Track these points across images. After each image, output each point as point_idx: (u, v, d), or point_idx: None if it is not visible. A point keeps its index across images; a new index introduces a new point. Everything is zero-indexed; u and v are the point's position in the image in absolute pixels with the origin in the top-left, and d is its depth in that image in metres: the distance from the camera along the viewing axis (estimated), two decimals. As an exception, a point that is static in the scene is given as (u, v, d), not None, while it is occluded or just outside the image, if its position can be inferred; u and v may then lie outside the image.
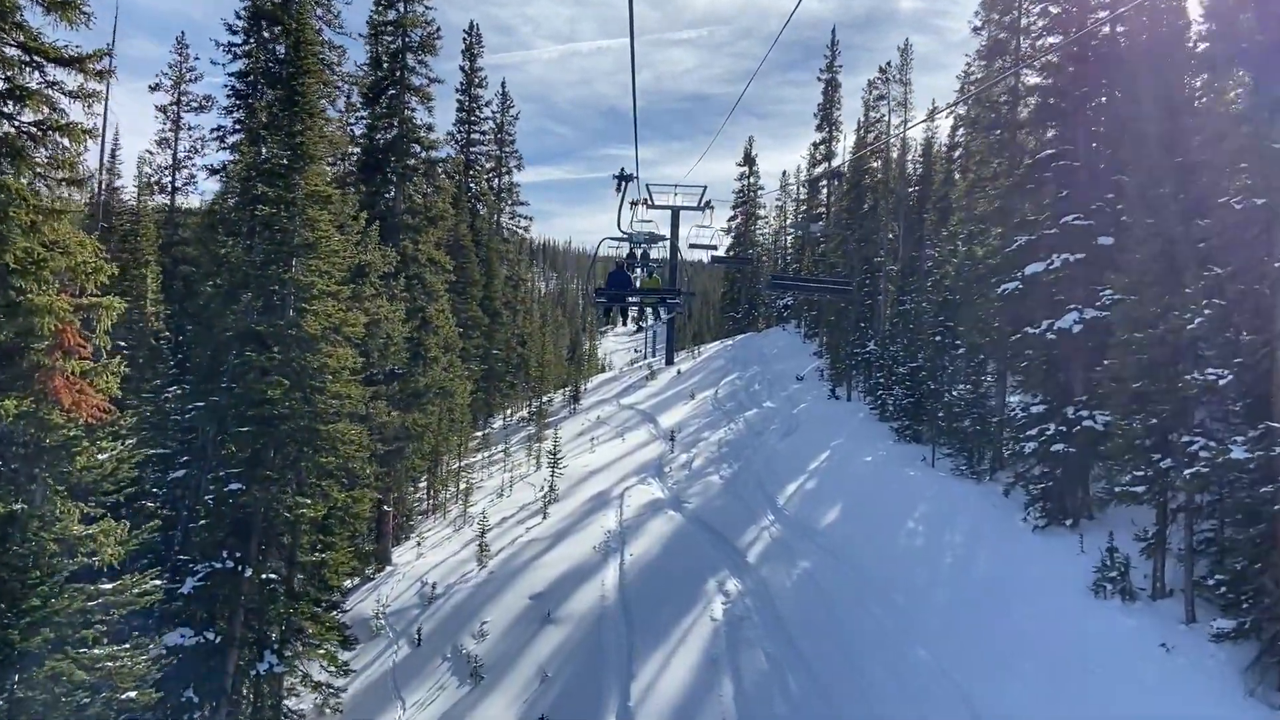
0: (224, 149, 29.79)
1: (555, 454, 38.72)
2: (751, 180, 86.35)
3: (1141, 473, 21.18)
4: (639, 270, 22.24)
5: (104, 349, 15.98)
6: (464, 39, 56.64)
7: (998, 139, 31.52)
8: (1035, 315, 26.65)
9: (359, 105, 36.02)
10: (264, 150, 23.11)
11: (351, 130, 35.57)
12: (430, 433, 37.76)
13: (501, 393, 57.01)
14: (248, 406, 20.93)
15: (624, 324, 22.24)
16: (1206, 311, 18.97)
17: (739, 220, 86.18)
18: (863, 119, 57.29)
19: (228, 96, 29.10)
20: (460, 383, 44.16)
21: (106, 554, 15.44)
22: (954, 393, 33.84)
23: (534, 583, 28.40)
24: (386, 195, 34.66)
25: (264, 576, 21.08)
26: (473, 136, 57.19)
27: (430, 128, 35.49)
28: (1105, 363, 23.29)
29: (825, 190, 59.32)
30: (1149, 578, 22.19)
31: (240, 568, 20.87)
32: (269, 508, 21.05)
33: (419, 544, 35.34)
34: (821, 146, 58.88)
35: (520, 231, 66.51)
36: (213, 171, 31.20)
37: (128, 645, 15.59)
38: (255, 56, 27.36)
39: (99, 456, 16.05)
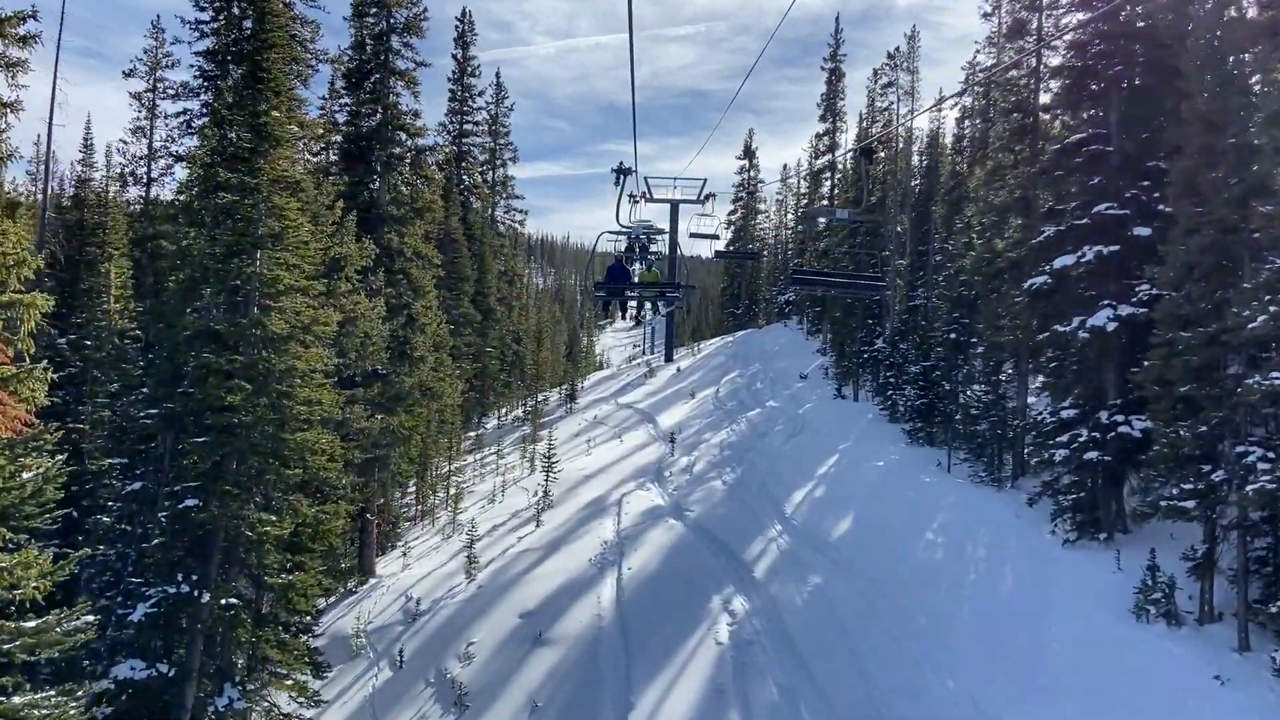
0: (190, 133, 27.71)
1: (550, 457, 36.65)
2: (752, 174, 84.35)
3: (1190, 486, 19.16)
4: (638, 264, 21.81)
5: (27, 353, 13.96)
6: (456, 26, 54.52)
7: (1018, 124, 29.43)
8: (1064, 312, 24.60)
9: (343, 91, 33.88)
10: (228, 133, 21.00)
11: (334, 118, 33.47)
12: (418, 436, 35.74)
13: (495, 392, 54.93)
14: (206, 413, 18.87)
15: (623, 317, 22.51)
16: (1272, 308, 16.89)
17: (739, 214, 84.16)
18: (866, 110, 55.19)
19: (195, 78, 27.01)
20: (450, 382, 42.10)
21: (29, 588, 13.41)
22: (970, 394, 31.82)
23: (525, 599, 26.33)
24: (370, 186, 32.57)
25: (224, 601, 19.01)
26: (465, 128, 55.05)
27: (416, 114, 33.44)
28: (1145, 364, 21.26)
29: (829, 182, 57.24)
30: (1196, 600, 20.19)
31: (197, 591, 18.81)
32: (230, 525, 19.00)
33: (405, 554, 33.28)
34: (825, 138, 56.82)
35: (515, 226, 64.39)
36: (178, 159, 29.08)
37: (52, 693, 13.52)
38: (224, 34, 25.28)
39: (24, 476, 14.00)
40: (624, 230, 21.46)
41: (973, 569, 24.01)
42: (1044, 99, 28.16)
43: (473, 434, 55.58)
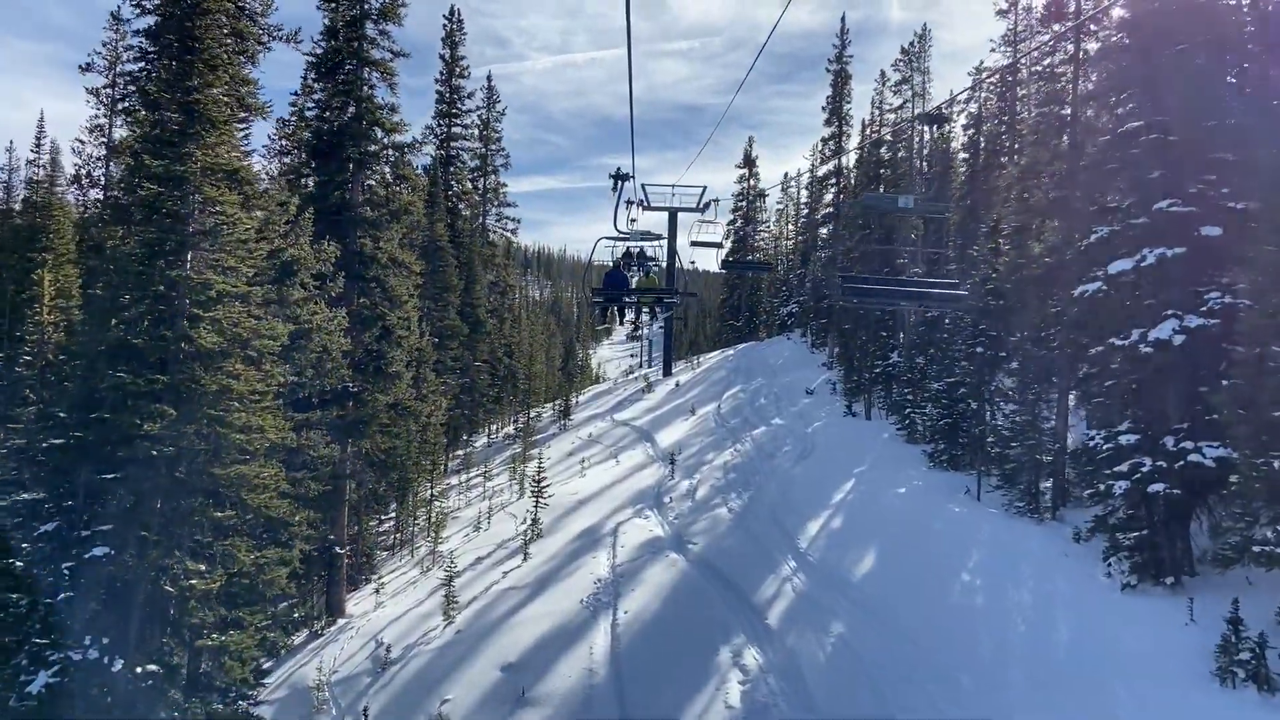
0: (129, 123, 24.64)
1: (539, 482, 33.44)
2: (752, 183, 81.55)
3: (1291, 528, 16.03)
4: (636, 270, 21.57)
5: None
6: (444, 25, 51.54)
7: (1055, 116, 26.40)
8: (1118, 323, 21.48)
9: (314, 84, 30.71)
10: (159, 115, 17.86)
11: (306, 113, 30.37)
12: (396, 458, 32.54)
13: (484, 408, 51.68)
14: (122, 443, 15.71)
15: (620, 323, 22.42)
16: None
17: (739, 224, 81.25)
18: (876, 110, 52.29)
19: (134, 60, 23.98)
20: (434, 400, 38.95)
21: None
22: (1003, 414, 28.69)
23: (507, 648, 23.08)
24: (343, 185, 29.44)
25: (141, 669, 15.79)
26: (454, 131, 51.98)
27: (393, 108, 30.29)
28: (1224, 383, 18.16)
29: (835, 188, 54.23)
30: (1293, 662, 17.04)
31: (109, 657, 15.60)
32: (150, 577, 15.81)
33: (379, 590, 29.99)
34: (830, 143, 53.83)
35: (507, 235, 61.30)
36: (113, 151, 25.94)
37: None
38: (166, 8, 22.22)
39: None
40: (622, 236, 20.91)
41: (1020, 618, 20.80)
42: (1086, 87, 25.13)
43: (460, 452, 52.37)
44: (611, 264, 21.00)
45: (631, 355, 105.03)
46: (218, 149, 16.93)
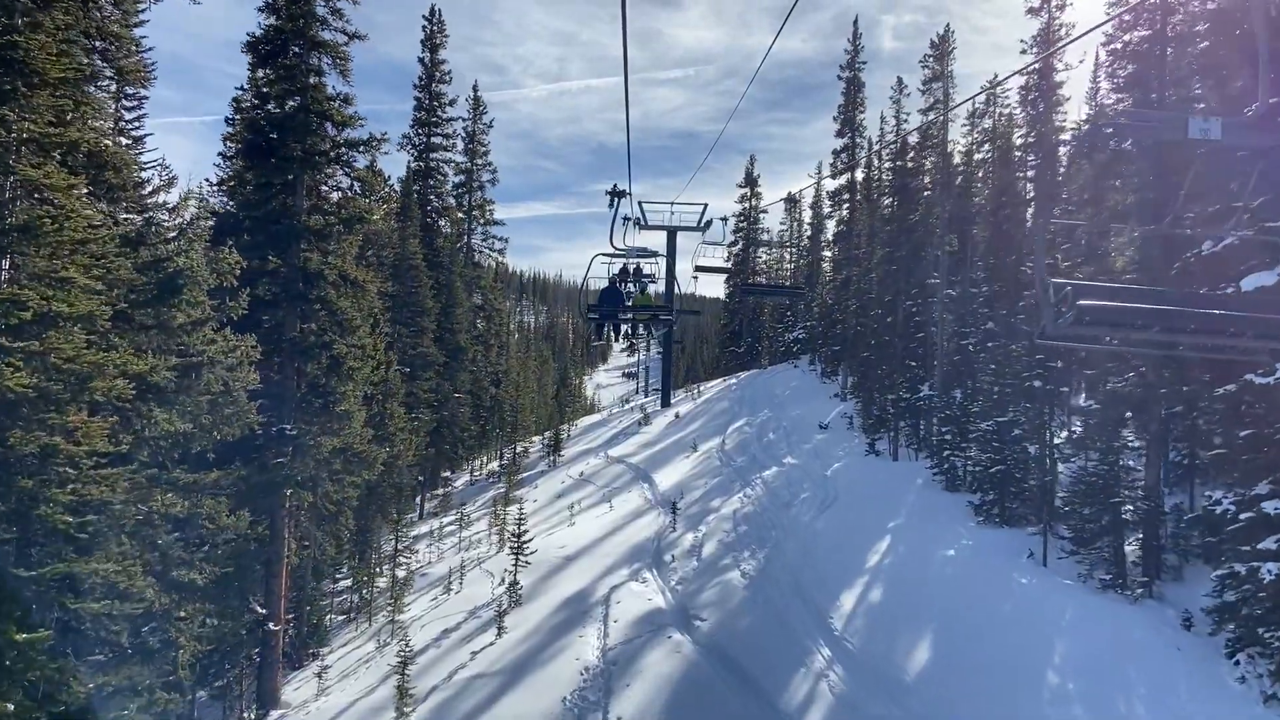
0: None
1: (520, 537, 28.28)
2: (754, 203, 76.97)
3: None
4: (632, 287, 20.89)
5: None
6: (424, 26, 46.79)
7: (1140, 101, 21.53)
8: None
9: (260, 74, 25.76)
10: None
11: (242, 102, 25.43)
12: (350, 511, 27.39)
13: (464, 445, 46.47)
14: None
15: (616, 339, 22.67)
16: None
17: (740, 246, 76.52)
18: (894, 119, 47.57)
19: None
20: (402, 439, 33.82)
21: None
22: (1068, 461, 23.65)
23: (469, 768, 17.90)
24: (285, 188, 24.47)
25: None
26: (433, 141, 47.13)
27: (347, 99, 25.37)
28: None
29: (848, 203, 49.35)
30: None
31: None
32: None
33: (322, 673, 24.69)
34: (843, 155, 49.07)
35: (494, 255, 56.35)
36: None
37: None
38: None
39: None
40: (618, 253, 19.77)
41: (1138, 743, 15.66)
42: (1182, 64, 20.30)
43: (440, 492, 47.15)
44: (607, 281, 20.17)
45: (628, 376, 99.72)
46: (47, 112, 11.94)
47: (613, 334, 21.40)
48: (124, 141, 16.41)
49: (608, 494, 38.40)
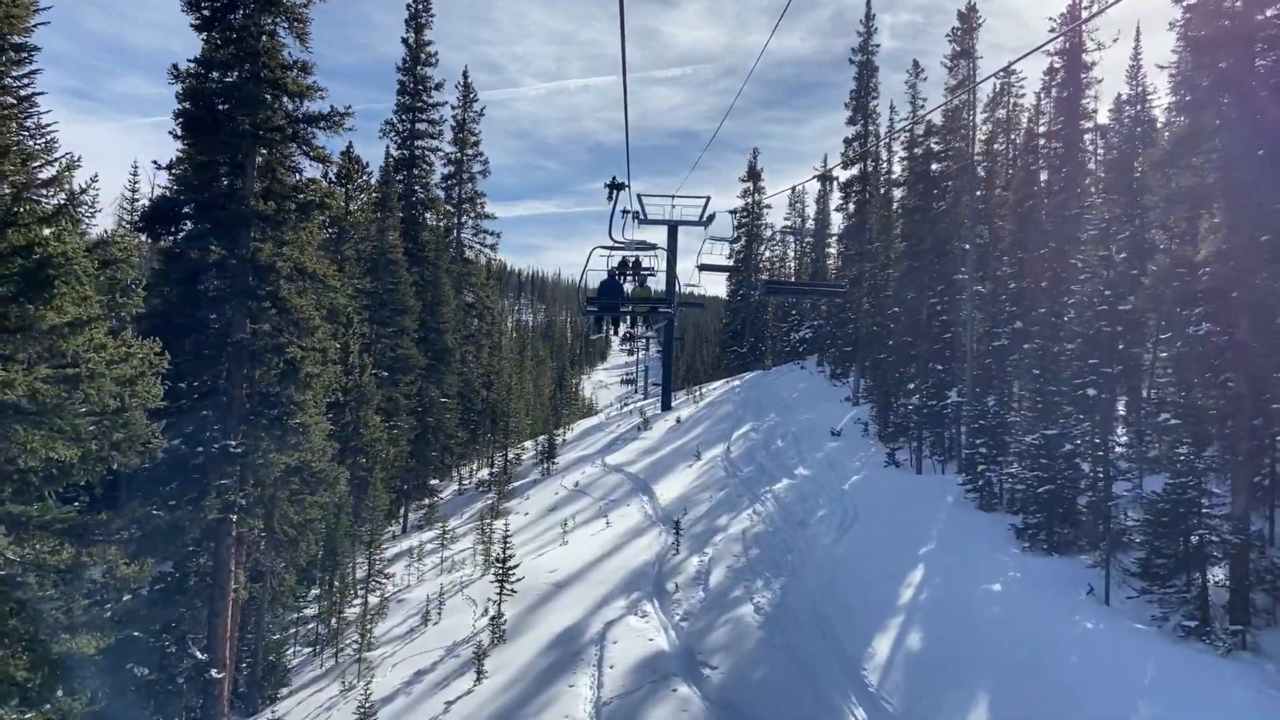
0: None
1: (505, 562, 24.99)
2: (757, 198, 73.72)
3: None
4: (631, 279, 20.20)
5: None
6: (408, 4, 43.38)
7: (1219, 73, 18.17)
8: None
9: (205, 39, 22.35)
10: None
11: (185, 71, 22.03)
12: (313, 533, 24.08)
13: (451, 452, 43.13)
14: None
15: (615, 333, 21.88)
16: None
17: (742, 243, 73.24)
18: (910, 102, 44.27)
19: None
20: (380, 448, 30.52)
21: None
22: (1131, 484, 20.36)
23: None
24: (232, 168, 21.14)
25: None
26: (418, 128, 43.73)
27: (305, 68, 21.97)
28: None
29: (859, 194, 45.95)
30: None
31: None
32: None
33: (275, 724, 21.38)
34: (854, 144, 45.76)
35: (486, 251, 52.99)
36: None
37: None
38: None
39: None
40: (617, 245, 19.55)
41: None
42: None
43: (428, 501, 43.80)
44: (606, 274, 19.74)
45: (626, 375, 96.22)
46: None
47: (612, 327, 21.14)
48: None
49: (604, 508, 35.12)
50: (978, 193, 32.13)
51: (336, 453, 28.79)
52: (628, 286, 19.78)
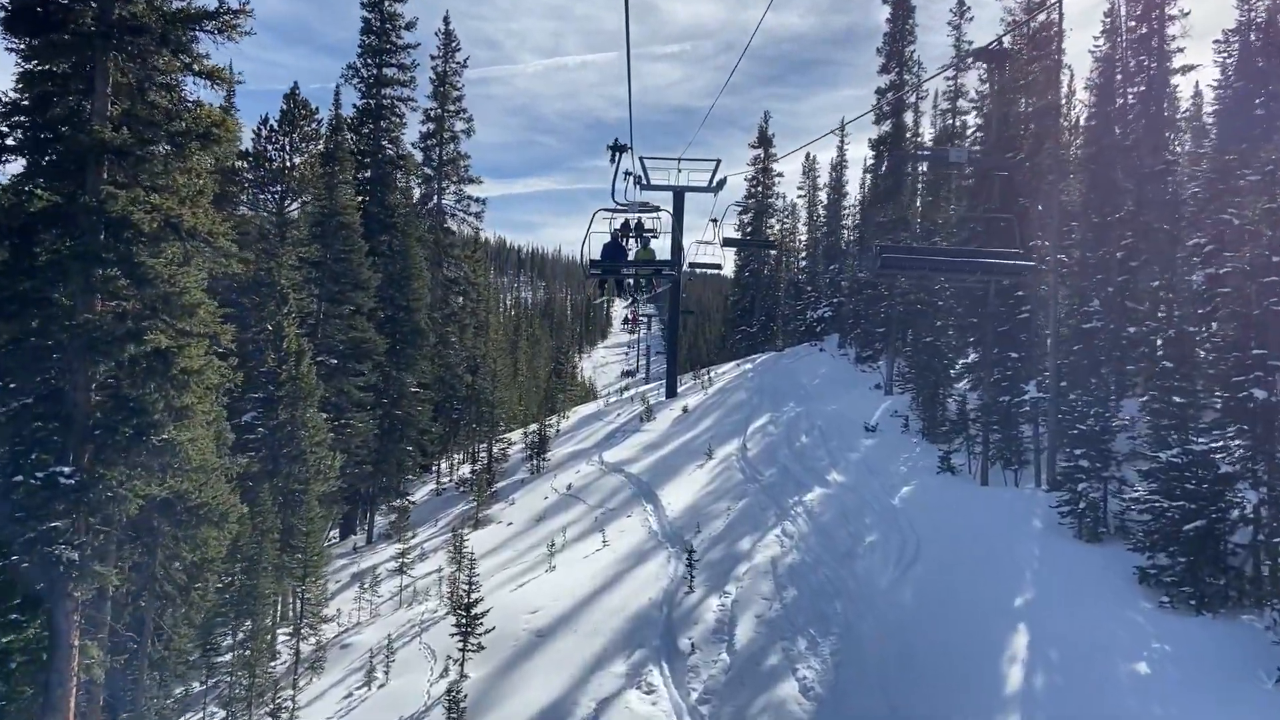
0: None
1: (470, 609, 18.91)
2: (767, 165, 67.09)
3: None
4: (634, 242, 19.86)
5: None
6: (374, -70, 36.68)
7: None
8: None
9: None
10: None
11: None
12: (206, 577, 17.92)
13: (424, 448, 36.95)
14: None
15: (619, 294, 23.02)
16: None
17: (751, 215, 66.74)
18: (951, 46, 37.74)
19: None
20: (322, 459, 24.38)
21: None
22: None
23: None
24: (71, 85, 14.83)
25: None
26: (385, 73, 37.15)
27: (180, -55, 15.67)
28: None
29: (897, 149, 39.38)
30: None
31: None
32: None
33: None
34: (888, 95, 39.23)
35: (470, 219, 46.54)
36: None
37: None
38: None
39: None
40: (620, 208, 19.30)
41: None
42: None
43: (397, 503, 37.62)
44: (609, 236, 19.14)
45: (626, 365, 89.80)
46: None
47: (616, 290, 21.25)
48: None
49: (601, 519, 29.00)
50: (1062, 137, 25.45)
51: (264, 462, 22.63)
52: (631, 255, 19.40)
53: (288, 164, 28.43)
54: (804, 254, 74.26)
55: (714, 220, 28.75)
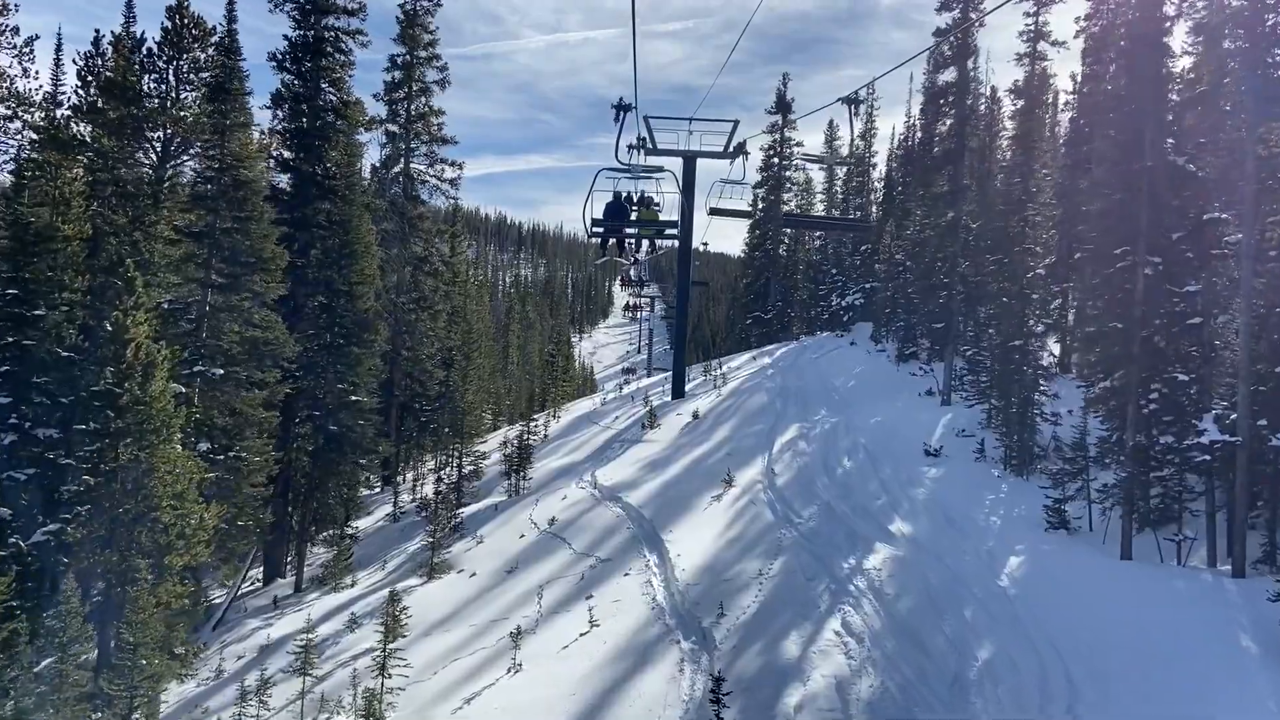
0: None
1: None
2: (785, 133, 59.23)
3: None
4: (636, 213, 19.09)
5: None
6: None
7: None
8: None
9: None
10: None
11: None
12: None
13: (368, 467, 29.23)
14: None
15: (620, 254, 22.78)
16: None
17: (767, 187, 58.90)
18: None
19: None
20: (187, 504, 16.70)
21: None
22: None
23: None
24: None
25: None
26: (328, 2, 29.01)
27: None
28: None
29: (954, 109, 31.21)
30: None
31: None
32: None
33: None
34: (952, 37, 31.03)
35: (443, 187, 38.60)
36: None
37: None
38: None
39: None
40: (623, 168, 18.81)
41: None
42: None
43: (333, 532, 29.92)
44: (612, 196, 18.62)
45: (626, 371, 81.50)
46: None
47: (618, 248, 21.23)
48: None
49: (589, 576, 21.46)
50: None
51: (90, 527, 14.99)
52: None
53: (171, 99, 20.53)
54: (820, 235, 66.38)
55: (711, 211, 27.00)
